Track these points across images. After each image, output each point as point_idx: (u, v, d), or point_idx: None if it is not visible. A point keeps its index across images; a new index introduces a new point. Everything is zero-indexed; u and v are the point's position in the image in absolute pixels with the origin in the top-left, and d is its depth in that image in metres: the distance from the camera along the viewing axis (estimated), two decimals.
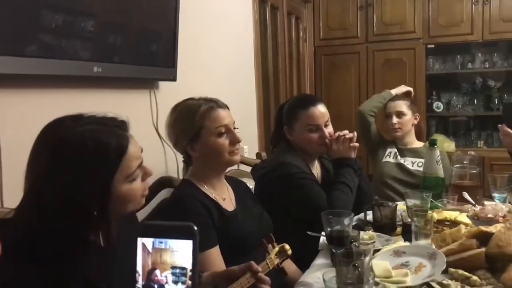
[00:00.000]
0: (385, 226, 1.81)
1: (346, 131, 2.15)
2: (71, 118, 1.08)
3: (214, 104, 1.66)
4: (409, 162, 2.80)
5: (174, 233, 0.72)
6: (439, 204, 1.94)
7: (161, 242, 0.71)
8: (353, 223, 1.61)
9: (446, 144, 4.21)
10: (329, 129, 2.13)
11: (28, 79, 1.59)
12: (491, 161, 4.11)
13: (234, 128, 1.67)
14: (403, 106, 2.81)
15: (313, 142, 2.11)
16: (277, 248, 1.42)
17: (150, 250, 0.72)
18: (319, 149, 2.14)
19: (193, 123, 1.62)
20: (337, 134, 2.14)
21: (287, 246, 1.44)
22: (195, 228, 0.72)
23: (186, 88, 2.31)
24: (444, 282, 1.23)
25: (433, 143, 2.11)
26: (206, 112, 1.63)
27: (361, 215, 1.96)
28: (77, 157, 1.02)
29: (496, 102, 4.45)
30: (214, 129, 1.62)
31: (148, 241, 0.72)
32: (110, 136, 1.07)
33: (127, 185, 1.10)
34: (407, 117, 2.80)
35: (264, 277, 1.27)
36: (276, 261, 1.39)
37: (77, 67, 1.69)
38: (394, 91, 2.93)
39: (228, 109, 1.69)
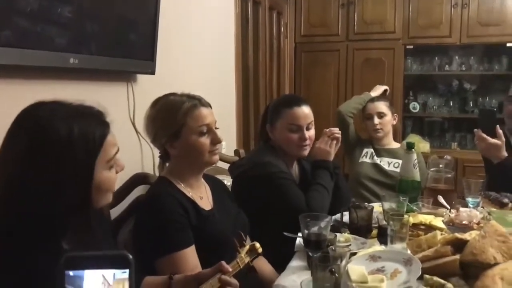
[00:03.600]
0: (361, 228, 1.81)
1: (336, 129, 2.15)
2: (51, 104, 1.09)
3: (197, 102, 1.62)
4: (385, 163, 2.82)
5: (108, 263, 0.68)
6: (414, 208, 1.96)
7: (124, 272, 0.67)
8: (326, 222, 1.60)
9: (421, 145, 4.28)
10: (310, 133, 2.11)
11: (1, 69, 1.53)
12: (464, 162, 4.19)
13: (216, 128, 1.65)
14: (383, 106, 2.83)
15: (292, 143, 2.09)
16: (247, 247, 1.41)
17: (111, 282, 0.67)
18: (296, 150, 2.11)
19: (174, 120, 1.59)
20: (326, 130, 2.13)
21: (257, 245, 1.42)
22: (130, 256, 0.68)
23: (165, 82, 2.28)
24: None
25: (410, 147, 2.12)
26: (189, 109, 1.59)
27: (338, 216, 1.96)
28: (61, 144, 1.03)
29: (471, 105, 4.53)
30: (196, 127, 1.60)
31: (109, 273, 0.67)
32: (93, 123, 1.09)
33: (106, 171, 1.11)
34: (387, 118, 2.83)
35: (228, 279, 1.26)
36: (247, 259, 1.38)
37: (53, 58, 1.64)
38: (373, 93, 2.95)
39: (211, 107, 1.66)
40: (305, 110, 2.10)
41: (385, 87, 3.07)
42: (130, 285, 0.67)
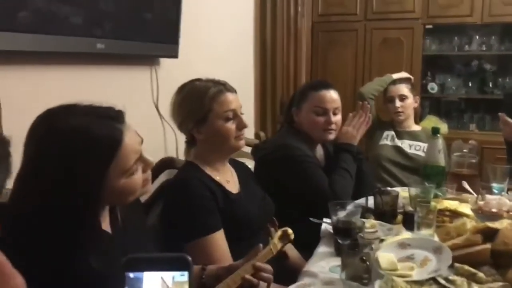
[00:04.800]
0: (386, 214, 1.81)
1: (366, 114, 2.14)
2: (64, 108, 1.04)
3: (222, 87, 1.63)
4: (406, 145, 2.80)
5: (167, 265, 0.68)
6: (439, 193, 1.95)
7: (183, 275, 0.67)
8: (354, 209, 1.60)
9: (440, 127, 4.23)
10: (337, 118, 2.10)
11: (27, 55, 1.53)
12: (482, 144, 4.10)
13: (241, 114, 1.65)
14: (404, 89, 2.80)
15: (318, 126, 2.08)
16: (279, 233, 1.43)
17: (170, 284, 0.67)
18: (321, 135, 2.10)
19: (201, 106, 1.60)
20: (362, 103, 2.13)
21: (289, 231, 1.44)
22: (190, 259, 0.68)
23: (187, 65, 2.27)
24: (450, 278, 1.23)
25: (436, 132, 2.10)
26: (215, 95, 1.60)
27: (361, 201, 1.96)
28: (65, 151, 0.98)
29: (491, 86, 4.44)
30: (222, 113, 1.60)
31: (168, 275, 0.66)
32: (103, 129, 1.01)
33: (124, 179, 1.05)
34: (409, 100, 2.80)
35: (262, 265, 1.27)
36: (279, 245, 1.40)
37: (80, 43, 1.64)
38: (395, 76, 2.92)
39: (236, 92, 1.66)
40: (333, 95, 2.09)
41: (410, 76, 3.02)
42: (190, 286, 0.67)
